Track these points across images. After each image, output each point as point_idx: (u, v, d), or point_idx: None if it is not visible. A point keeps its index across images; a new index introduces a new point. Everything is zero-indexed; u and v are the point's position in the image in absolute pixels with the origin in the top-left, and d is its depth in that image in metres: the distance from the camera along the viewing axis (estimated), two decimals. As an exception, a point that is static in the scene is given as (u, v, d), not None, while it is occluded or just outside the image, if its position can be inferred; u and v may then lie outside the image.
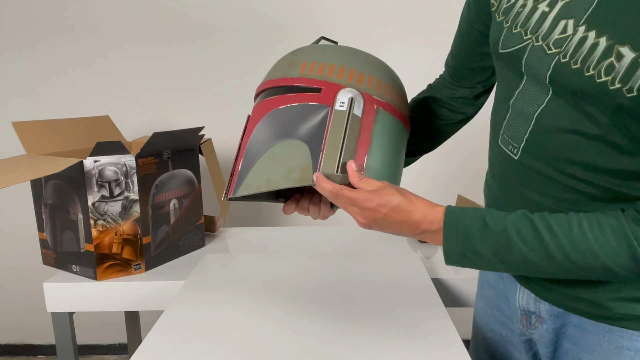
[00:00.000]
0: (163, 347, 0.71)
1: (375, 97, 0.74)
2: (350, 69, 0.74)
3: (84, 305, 1.08)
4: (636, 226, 0.56)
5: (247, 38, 1.81)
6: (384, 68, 0.79)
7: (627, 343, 0.65)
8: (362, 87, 0.73)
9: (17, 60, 1.84)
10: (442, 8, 1.78)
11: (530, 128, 0.63)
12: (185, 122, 1.87)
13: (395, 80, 0.78)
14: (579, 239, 0.57)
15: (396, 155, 0.76)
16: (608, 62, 0.52)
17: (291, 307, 0.84)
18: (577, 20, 0.56)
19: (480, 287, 0.90)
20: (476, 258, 0.63)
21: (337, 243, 1.29)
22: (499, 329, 0.84)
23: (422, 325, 0.77)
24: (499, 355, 0.85)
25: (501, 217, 0.62)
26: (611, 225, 0.57)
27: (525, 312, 0.77)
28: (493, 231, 0.61)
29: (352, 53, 0.77)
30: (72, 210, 1.07)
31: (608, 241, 0.56)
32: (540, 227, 0.59)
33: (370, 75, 0.75)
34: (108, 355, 2.13)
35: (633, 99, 0.52)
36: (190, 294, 0.89)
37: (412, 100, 0.92)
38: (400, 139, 0.77)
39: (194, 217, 1.25)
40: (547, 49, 0.59)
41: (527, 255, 0.60)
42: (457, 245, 0.63)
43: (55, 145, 1.17)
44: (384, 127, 0.74)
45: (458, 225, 0.63)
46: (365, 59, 0.77)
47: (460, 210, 0.64)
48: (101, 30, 1.81)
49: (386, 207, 0.65)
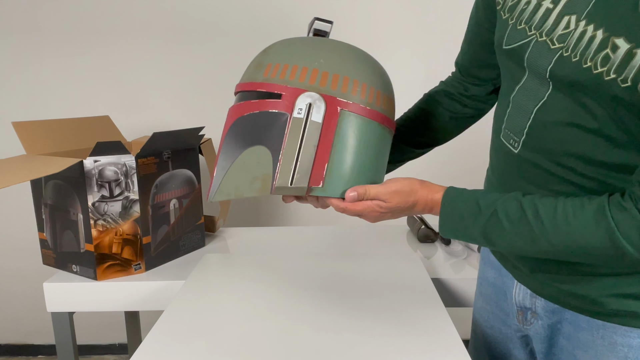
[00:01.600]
0: (163, 347, 0.71)
1: (340, 99, 0.70)
2: (313, 69, 0.71)
3: (84, 305, 1.08)
4: (618, 211, 0.57)
5: (247, 38, 1.81)
6: (361, 63, 0.74)
7: (620, 339, 0.65)
8: (324, 89, 0.70)
9: (17, 60, 1.84)
10: (443, 7, 1.78)
11: (530, 122, 0.65)
12: (185, 122, 1.87)
13: (374, 77, 0.74)
14: (562, 223, 0.60)
15: (370, 157, 0.73)
16: (604, 54, 0.54)
17: (291, 307, 0.84)
18: (579, 15, 0.57)
19: (479, 284, 0.90)
20: (466, 237, 0.69)
21: (337, 243, 1.29)
22: (499, 325, 0.84)
23: (422, 325, 0.77)
24: (498, 352, 0.85)
25: (493, 200, 0.66)
26: (593, 210, 0.58)
27: (521, 308, 0.77)
28: (484, 214, 0.66)
29: (323, 49, 0.73)
30: (72, 210, 1.07)
31: (588, 225, 0.58)
32: (527, 210, 0.62)
33: (337, 74, 0.71)
34: (108, 355, 2.13)
35: (627, 89, 0.53)
36: (190, 294, 0.89)
37: (425, 94, 0.93)
38: (374, 139, 0.73)
39: (194, 217, 1.25)
40: (550, 44, 0.60)
41: (512, 237, 0.64)
42: (451, 226, 0.69)
43: (55, 145, 1.17)
44: (349, 130, 0.71)
45: (454, 207, 0.69)
46: (338, 55, 0.73)
47: (457, 194, 0.69)
48: (101, 30, 1.81)
49: (390, 209, 0.72)
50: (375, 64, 0.76)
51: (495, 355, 0.86)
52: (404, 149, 0.91)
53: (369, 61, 0.75)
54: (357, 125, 0.71)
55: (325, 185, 0.70)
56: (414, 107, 0.93)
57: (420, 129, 0.91)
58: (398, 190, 0.71)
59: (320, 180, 0.70)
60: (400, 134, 0.90)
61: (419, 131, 0.91)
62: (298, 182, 0.70)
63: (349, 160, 0.71)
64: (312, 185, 0.70)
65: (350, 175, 0.71)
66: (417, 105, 0.92)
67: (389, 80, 0.78)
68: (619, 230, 0.56)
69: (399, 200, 0.70)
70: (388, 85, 0.77)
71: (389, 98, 0.76)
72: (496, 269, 0.84)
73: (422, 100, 0.92)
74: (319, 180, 0.70)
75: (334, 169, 0.70)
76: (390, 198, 0.71)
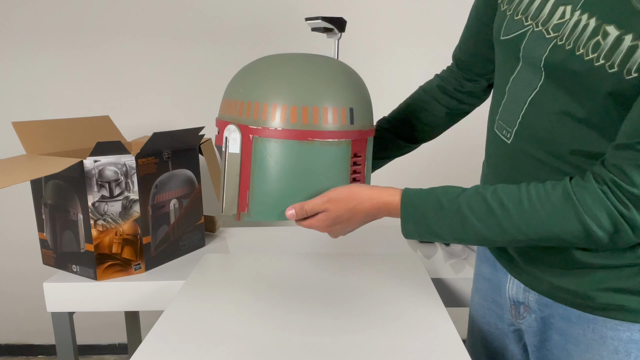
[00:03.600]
0: (163, 347, 0.71)
1: (251, 127, 0.71)
2: (235, 101, 0.73)
3: (84, 305, 1.08)
4: (583, 193, 0.58)
5: (247, 38, 1.81)
6: (278, 81, 0.71)
7: (610, 333, 0.66)
8: (241, 118, 0.72)
9: (17, 60, 1.84)
10: (443, 7, 1.78)
11: (523, 112, 0.66)
12: (185, 122, 1.87)
13: (291, 93, 0.70)
14: (529, 212, 0.60)
15: (296, 176, 0.72)
16: (595, 41, 0.55)
17: (291, 307, 0.84)
18: (574, 5, 0.59)
19: (475, 280, 0.91)
20: (432, 236, 0.68)
21: (337, 243, 1.29)
22: (495, 321, 0.85)
23: (422, 325, 0.77)
24: (495, 347, 0.86)
25: (455, 196, 0.65)
26: (559, 194, 0.59)
27: (514, 302, 0.78)
28: (448, 211, 0.65)
29: (250, 74, 0.73)
30: (72, 210, 1.07)
31: (556, 210, 0.59)
32: (492, 203, 0.62)
33: (250, 101, 0.71)
34: (108, 355, 2.13)
35: (613, 75, 0.54)
36: (190, 294, 0.89)
37: (420, 88, 0.93)
38: (295, 157, 0.71)
39: (194, 217, 1.25)
40: (546, 33, 0.61)
41: (482, 231, 0.63)
42: (414, 226, 0.68)
43: (55, 145, 1.17)
44: (265, 155, 0.71)
45: (415, 207, 0.68)
46: (258, 78, 0.72)
47: (415, 193, 0.68)
48: (101, 30, 1.81)
49: (337, 218, 0.72)
50: (298, 74, 0.72)
51: (492, 351, 0.87)
52: (396, 143, 0.91)
53: (291, 75, 0.72)
54: (270, 149, 0.71)
55: (250, 211, 0.74)
56: (409, 100, 0.93)
57: (415, 123, 0.91)
58: (333, 198, 0.71)
59: (245, 207, 0.73)
60: (392, 128, 0.91)
61: (413, 125, 0.91)
62: (228, 211, 0.75)
63: (271, 184, 0.72)
64: (241, 211, 0.74)
65: (278, 196, 0.72)
66: (412, 99, 0.93)
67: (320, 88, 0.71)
68: (586, 212, 0.57)
69: (339, 206, 0.71)
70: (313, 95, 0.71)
71: (317, 108, 0.71)
72: (491, 265, 0.85)
73: (417, 95, 0.92)
74: (244, 207, 0.74)
75: (255, 195, 0.73)
76: (329, 207, 0.71)
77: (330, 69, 0.74)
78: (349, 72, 0.77)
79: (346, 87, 0.73)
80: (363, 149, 0.76)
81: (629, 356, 0.65)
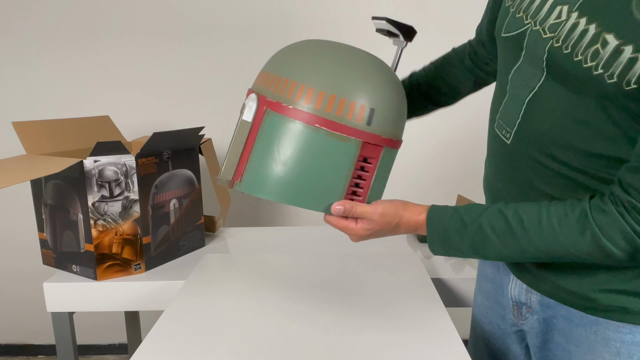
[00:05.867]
0: (163, 347, 0.71)
1: (269, 99, 0.69)
2: (266, 73, 0.73)
3: (84, 305, 1.08)
4: (600, 215, 0.59)
5: (247, 38, 1.81)
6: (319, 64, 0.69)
7: (613, 334, 0.66)
8: (263, 89, 0.71)
9: (17, 60, 1.83)
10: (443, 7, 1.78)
11: (522, 112, 0.66)
12: (185, 122, 1.87)
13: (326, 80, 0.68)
14: (548, 232, 0.62)
15: (292, 159, 0.69)
16: (594, 49, 0.55)
17: (291, 307, 0.84)
18: (570, 6, 0.58)
19: (478, 280, 0.91)
20: (457, 252, 0.70)
21: (337, 243, 1.29)
22: (497, 321, 0.85)
23: (422, 325, 0.77)
24: (497, 347, 0.86)
25: (477, 214, 0.67)
26: (576, 217, 0.60)
27: (516, 303, 0.78)
28: (470, 229, 0.67)
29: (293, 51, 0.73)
30: (72, 210, 1.07)
31: (574, 233, 0.60)
32: (512, 222, 0.64)
33: (279, 75, 0.70)
34: (108, 355, 2.13)
35: (612, 85, 0.54)
36: (190, 294, 0.89)
37: (453, 50, 0.92)
38: (298, 139, 0.69)
39: (194, 217, 1.25)
40: (542, 33, 0.61)
41: (501, 249, 0.65)
42: (439, 243, 0.71)
43: (55, 145, 1.17)
44: (270, 129, 0.70)
45: (439, 224, 0.70)
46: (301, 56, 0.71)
47: (440, 211, 0.70)
48: (101, 30, 1.81)
49: (374, 232, 0.73)
50: (330, 60, 0.70)
51: (494, 351, 0.87)
52: (419, 104, 0.92)
53: (322, 59, 0.70)
54: (278, 126, 0.69)
55: (242, 181, 0.72)
56: (440, 61, 0.92)
57: (443, 87, 0.91)
58: (384, 212, 0.71)
59: (240, 176, 0.72)
60: (419, 87, 0.91)
61: (441, 88, 0.91)
62: (224, 175, 0.74)
63: (268, 160, 0.70)
64: (235, 179, 0.72)
65: (270, 175, 0.70)
66: (444, 61, 0.92)
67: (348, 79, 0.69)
68: (602, 234, 0.58)
69: (383, 221, 0.71)
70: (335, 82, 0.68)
71: (334, 96, 0.68)
72: (494, 265, 0.85)
73: (450, 58, 0.91)
74: (239, 176, 0.72)
75: (251, 167, 0.71)
76: (377, 219, 0.71)
77: (371, 67, 0.71)
78: (388, 76, 0.73)
79: (375, 87, 0.70)
80: (376, 157, 0.72)
81: (631, 358, 0.65)
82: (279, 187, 0.70)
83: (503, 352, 0.85)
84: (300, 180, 0.70)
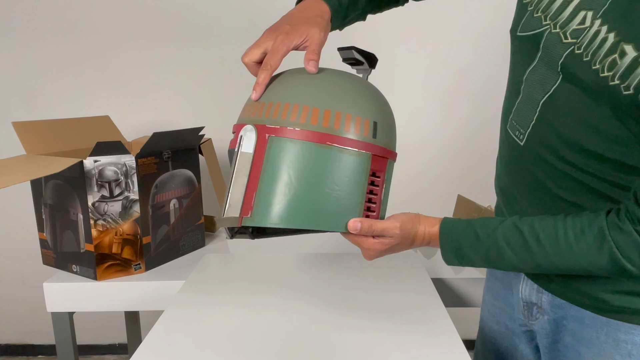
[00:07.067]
0: (163, 347, 0.71)
1: (269, 126, 0.68)
2: (254, 104, 0.71)
3: (84, 305, 1.08)
4: (618, 234, 0.58)
5: (247, 38, 1.80)
6: (303, 84, 0.70)
7: (624, 336, 0.66)
8: (259, 119, 0.69)
9: (17, 60, 1.83)
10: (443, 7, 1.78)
11: (537, 115, 0.65)
12: (185, 122, 1.87)
13: (315, 96, 0.69)
14: (565, 249, 0.62)
15: (308, 180, 0.68)
16: (612, 58, 0.54)
17: (291, 307, 0.84)
18: (595, 12, 0.57)
19: (487, 279, 0.91)
20: (471, 264, 0.70)
21: (337, 243, 1.29)
22: (505, 321, 0.85)
23: (422, 325, 0.77)
24: (505, 347, 0.86)
25: (492, 229, 0.67)
26: (594, 235, 0.60)
27: (527, 303, 0.78)
28: (484, 243, 0.67)
29: (283, 79, 0.72)
30: (72, 210, 1.07)
31: (591, 250, 0.60)
32: (528, 237, 0.64)
33: (277, 101, 0.69)
34: (108, 355, 2.13)
35: (628, 96, 0.53)
36: (190, 294, 0.89)
37: None
38: (311, 159, 0.68)
39: (194, 217, 1.25)
40: (563, 37, 0.60)
41: (517, 263, 0.65)
42: (453, 255, 0.70)
43: (55, 145, 1.17)
44: (278, 156, 0.68)
45: (452, 238, 0.70)
46: (293, 81, 0.71)
47: (453, 225, 0.70)
48: (101, 30, 1.81)
49: (393, 246, 0.72)
50: (325, 81, 0.71)
51: (502, 350, 0.87)
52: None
53: (317, 81, 0.71)
54: (286, 149, 0.68)
55: (253, 215, 0.68)
56: None
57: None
58: (402, 225, 0.70)
59: (249, 210, 0.68)
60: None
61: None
62: (229, 213, 0.70)
63: (280, 186, 0.68)
64: (244, 215, 0.69)
65: (285, 200, 0.68)
66: None
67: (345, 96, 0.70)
68: (621, 253, 0.58)
69: (402, 235, 0.70)
70: (338, 100, 0.69)
71: (340, 113, 0.69)
72: None
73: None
74: (247, 211, 0.69)
75: (262, 197, 0.68)
76: (397, 233, 0.69)
77: (359, 84, 0.72)
78: (377, 92, 0.75)
79: (372, 102, 0.71)
80: (383, 169, 0.72)
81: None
82: (295, 212, 0.68)
83: (511, 352, 0.85)
84: (319, 202, 0.69)
